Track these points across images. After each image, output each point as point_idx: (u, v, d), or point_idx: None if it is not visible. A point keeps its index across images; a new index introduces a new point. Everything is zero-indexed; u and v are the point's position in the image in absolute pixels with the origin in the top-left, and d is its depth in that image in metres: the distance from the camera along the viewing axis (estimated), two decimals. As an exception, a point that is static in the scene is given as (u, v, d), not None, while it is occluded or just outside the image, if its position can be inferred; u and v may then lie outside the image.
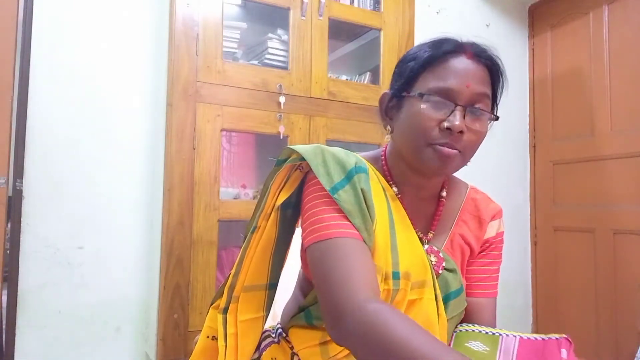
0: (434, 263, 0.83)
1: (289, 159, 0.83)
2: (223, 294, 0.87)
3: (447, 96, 0.77)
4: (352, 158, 0.80)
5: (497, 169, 2.58)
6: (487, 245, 0.93)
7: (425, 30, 2.31)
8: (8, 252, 1.49)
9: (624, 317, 2.17)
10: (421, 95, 0.78)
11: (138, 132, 1.71)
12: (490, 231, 0.93)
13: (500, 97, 0.87)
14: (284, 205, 0.86)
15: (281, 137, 1.58)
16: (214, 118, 1.48)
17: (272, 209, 0.85)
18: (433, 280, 0.80)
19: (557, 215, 2.54)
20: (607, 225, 2.27)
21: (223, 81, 1.51)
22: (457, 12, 2.48)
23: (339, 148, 0.84)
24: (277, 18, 1.69)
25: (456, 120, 0.76)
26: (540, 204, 2.64)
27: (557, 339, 0.75)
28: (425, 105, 0.78)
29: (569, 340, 0.76)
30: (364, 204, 0.75)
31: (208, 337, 0.88)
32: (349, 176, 0.78)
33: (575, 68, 2.46)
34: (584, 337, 2.35)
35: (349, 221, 0.74)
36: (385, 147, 0.91)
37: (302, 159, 0.80)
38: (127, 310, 1.66)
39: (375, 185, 0.80)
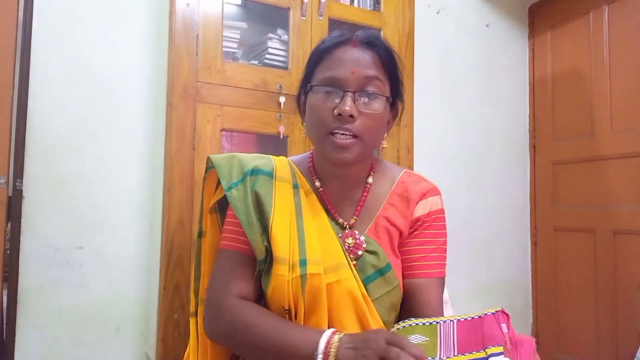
0: (351, 246, 0.86)
1: (213, 167, 0.92)
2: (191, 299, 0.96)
3: (336, 84, 0.82)
4: (256, 162, 0.89)
5: (497, 169, 2.58)
6: (419, 224, 0.92)
7: (425, 30, 2.32)
8: (8, 252, 1.49)
9: (624, 317, 2.17)
10: (312, 87, 0.85)
11: (138, 132, 1.71)
12: (420, 210, 0.92)
13: (402, 77, 0.90)
14: (225, 208, 0.93)
15: (281, 137, 1.58)
16: (214, 118, 1.48)
17: (207, 213, 0.95)
18: (348, 262, 0.84)
19: (557, 215, 2.54)
20: (607, 225, 2.27)
21: (223, 81, 1.51)
22: (457, 12, 2.48)
23: (257, 154, 0.93)
24: (277, 18, 1.69)
25: (345, 105, 0.80)
26: (540, 204, 2.64)
27: (493, 313, 0.75)
28: (318, 95, 0.84)
29: (505, 313, 0.75)
30: (250, 201, 0.83)
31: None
32: (243, 177, 0.86)
33: (575, 68, 2.47)
34: (584, 337, 2.35)
35: (239, 233, 0.85)
36: None
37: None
38: (127, 310, 1.66)
39: (282, 186, 0.87)
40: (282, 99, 1.58)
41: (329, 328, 0.79)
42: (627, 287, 2.17)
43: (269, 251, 0.81)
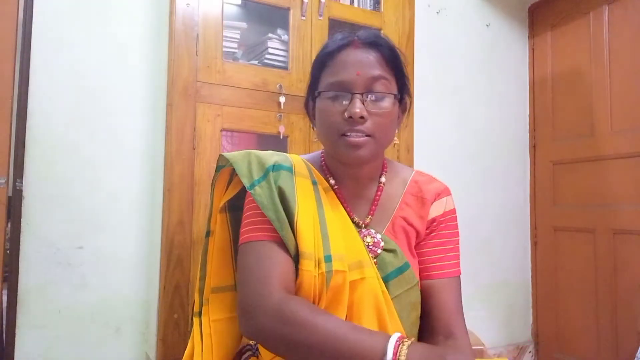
0: (370, 245, 0.87)
1: (226, 165, 0.92)
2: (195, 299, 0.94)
3: (343, 88, 0.83)
4: (275, 158, 0.88)
5: (497, 169, 2.58)
6: (435, 224, 0.93)
7: (425, 30, 2.32)
8: (8, 252, 1.49)
9: (624, 317, 2.17)
10: (320, 93, 0.86)
11: (138, 132, 1.71)
12: (435, 210, 0.93)
13: (407, 72, 0.92)
14: (234, 207, 0.93)
15: (281, 137, 1.58)
16: (214, 118, 1.48)
17: (217, 212, 0.94)
18: (370, 260, 0.84)
19: (557, 215, 2.54)
20: (607, 225, 2.27)
21: (223, 81, 1.51)
22: (457, 12, 2.48)
23: (272, 152, 0.92)
24: (277, 18, 1.69)
25: (354, 107, 0.81)
26: (540, 204, 2.64)
27: None
28: (327, 100, 0.85)
29: None
30: (277, 198, 0.82)
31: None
32: (265, 173, 0.85)
33: (575, 68, 2.46)
34: (584, 337, 2.35)
35: (266, 222, 0.81)
36: None
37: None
38: (127, 310, 1.66)
39: (302, 181, 0.86)
40: (282, 99, 1.58)
41: None
42: (627, 287, 2.16)
43: (296, 247, 0.80)
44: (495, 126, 2.60)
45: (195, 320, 0.93)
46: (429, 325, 0.87)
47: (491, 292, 2.52)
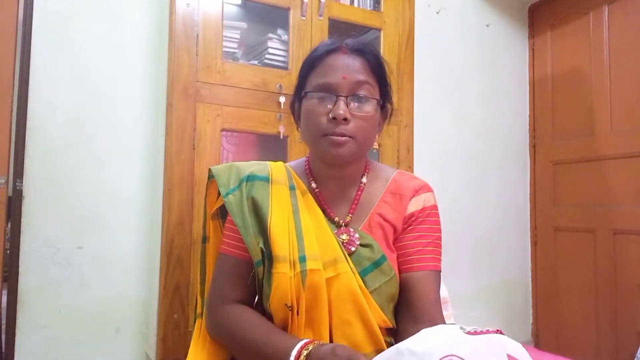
0: (345, 241, 0.90)
1: (213, 176, 0.98)
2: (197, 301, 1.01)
3: (329, 90, 0.87)
4: (252, 168, 0.94)
5: (497, 169, 2.58)
6: (413, 219, 0.95)
7: (425, 30, 2.32)
8: (8, 252, 1.49)
9: (624, 317, 2.17)
10: (306, 93, 0.90)
11: (138, 132, 1.71)
12: (414, 206, 0.95)
13: (390, 80, 0.95)
14: (226, 214, 0.97)
15: (281, 137, 1.58)
16: (214, 118, 1.48)
17: (210, 219, 1.00)
18: (345, 257, 0.87)
19: (557, 215, 2.54)
20: (607, 225, 2.27)
21: (223, 81, 1.51)
22: (457, 12, 2.48)
23: (255, 162, 0.97)
24: (277, 18, 1.69)
25: (339, 109, 0.85)
26: (540, 204, 2.64)
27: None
28: (312, 101, 0.88)
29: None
30: (246, 206, 0.89)
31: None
32: (240, 183, 0.92)
33: (575, 68, 2.47)
34: (584, 337, 2.35)
35: (237, 239, 0.90)
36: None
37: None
38: (127, 310, 1.66)
39: (278, 188, 0.92)
40: (282, 99, 1.58)
41: (330, 321, 0.83)
42: (627, 287, 2.17)
43: (264, 253, 0.85)
44: (495, 126, 2.60)
45: (197, 321, 0.98)
46: (412, 314, 0.89)
47: (491, 292, 2.52)
